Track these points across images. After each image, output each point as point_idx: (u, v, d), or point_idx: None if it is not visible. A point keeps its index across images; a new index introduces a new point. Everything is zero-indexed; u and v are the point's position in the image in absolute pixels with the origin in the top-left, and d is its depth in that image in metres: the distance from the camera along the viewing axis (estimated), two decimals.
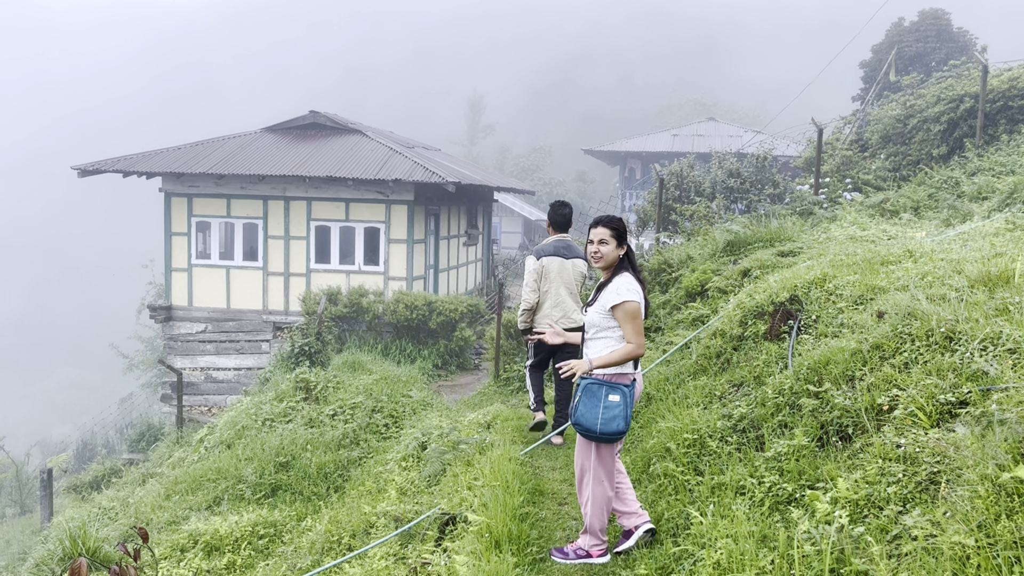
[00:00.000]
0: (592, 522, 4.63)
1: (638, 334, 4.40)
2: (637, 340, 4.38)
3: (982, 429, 3.27)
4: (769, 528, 3.76)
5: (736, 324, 6.50)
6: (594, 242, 4.61)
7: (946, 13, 27.38)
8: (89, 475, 15.85)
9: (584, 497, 4.65)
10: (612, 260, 4.57)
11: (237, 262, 19.44)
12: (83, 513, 11.37)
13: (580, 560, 4.65)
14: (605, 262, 4.58)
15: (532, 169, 55.95)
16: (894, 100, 18.84)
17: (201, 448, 11.68)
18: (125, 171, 19.07)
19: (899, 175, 15.40)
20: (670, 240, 13.80)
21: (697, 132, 39.01)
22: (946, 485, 3.13)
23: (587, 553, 4.66)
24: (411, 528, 6.08)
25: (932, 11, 27.40)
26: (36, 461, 27.78)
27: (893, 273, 5.92)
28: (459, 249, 23.08)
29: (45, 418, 50.61)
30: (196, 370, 19.38)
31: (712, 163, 17.31)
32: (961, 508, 2.92)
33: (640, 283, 4.55)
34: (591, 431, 4.38)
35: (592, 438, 4.44)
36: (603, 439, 4.41)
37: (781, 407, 4.85)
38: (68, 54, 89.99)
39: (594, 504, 4.57)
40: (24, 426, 45.32)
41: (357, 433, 10.24)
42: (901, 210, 11.46)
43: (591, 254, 4.66)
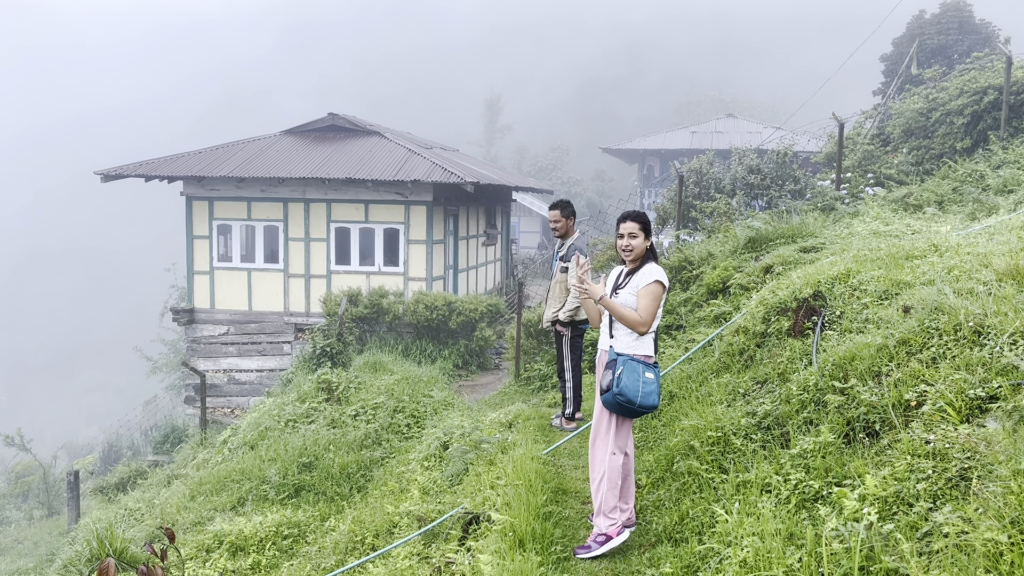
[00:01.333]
0: (606, 499, 4.75)
1: (649, 313, 4.69)
2: (646, 317, 4.68)
3: (1014, 424, 3.22)
4: (796, 526, 3.72)
5: (759, 321, 6.46)
6: (624, 236, 4.87)
7: (968, 5, 27.04)
8: (115, 477, 16.00)
9: (599, 473, 4.80)
10: (641, 252, 4.84)
11: (258, 264, 19.57)
12: (109, 514, 11.48)
13: (604, 547, 4.72)
14: (635, 254, 4.84)
15: (550, 168, 55.89)
16: (916, 93, 18.62)
17: (225, 449, 11.76)
18: (147, 175, 19.25)
19: (922, 169, 15.23)
20: (690, 237, 13.73)
21: (716, 129, 38.80)
22: (978, 481, 3.08)
23: (607, 536, 4.75)
24: (434, 527, 6.09)
25: (954, 3, 27.06)
26: (63, 463, 28.12)
27: (918, 268, 5.86)
28: (478, 249, 23.10)
29: (71, 421, 51.25)
30: (219, 372, 19.53)
31: (732, 160, 17.20)
32: (994, 504, 2.88)
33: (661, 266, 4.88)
34: (632, 401, 4.61)
35: (627, 410, 4.66)
36: (640, 411, 4.67)
37: (806, 404, 4.80)
38: (89, 59, 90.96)
39: (609, 479, 4.74)
40: (50, 429, 45.94)
41: (379, 433, 10.27)
42: (925, 204, 11.33)
43: (622, 248, 4.88)
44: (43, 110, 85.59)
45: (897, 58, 27.81)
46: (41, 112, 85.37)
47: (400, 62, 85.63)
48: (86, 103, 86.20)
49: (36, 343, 65.40)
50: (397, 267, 19.15)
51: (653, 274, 4.73)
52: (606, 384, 4.73)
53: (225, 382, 19.54)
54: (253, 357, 19.54)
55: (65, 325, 67.37)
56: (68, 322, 67.73)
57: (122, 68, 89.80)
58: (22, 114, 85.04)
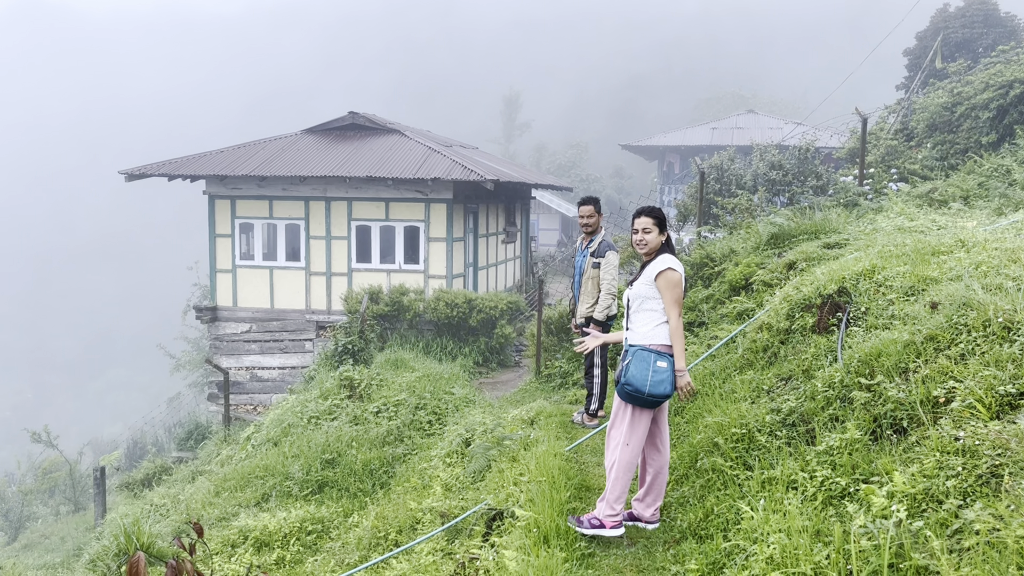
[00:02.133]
0: (613, 488, 4.81)
1: (677, 303, 4.77)
2: (675, 309, 4.77)
3: None
4: (823, 523, 3.70)
5: (783, 317, 6.42)
6: (639, 231, 4.99)
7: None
8: (140, 473, 16.20)
9: (610, 462, 4.87)
10: (655, 246, 4.95)
11: (280, 263, 19.71)
12: (136, 510, 11.62)
13: (593, 530, 4.82)
14: (649, 248, 4.96)
15: (569, 166, 55.78)
16: (940, 88, 18.41)
17: (248, 446, 11.86)
18: (170, 175, 19.43)
19: (947, 164, 15.06)
20: (711, 234, 13.66)
21: (736, 125, 38.56)
22: (1009, 478, 3.06)
23: (600, 523, 4.83)
24: (458, 524, 6.12)
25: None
26: (88, 460, 28.48)
27: (945, 263, 5.79)
28: (498, 247, 23.11)
29: (95, 418, 51.88)
30: (241, 369, 19.69)
31: (753, 156, 17.10)
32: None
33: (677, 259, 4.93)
34: (640, 391, 4.67)
35: (639, 400, 4.72)
36: (649, 401, 4.71)
37: (831, 400, 4.77)
38: (113, 60, 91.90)
39: (619, 468, 4.78)
40: (75, 426, 46.53)
41: (401, 430, 10.31)
42: (950, 200, 11.20)
43: (636, 242, 5.01)
44: (68, 111, 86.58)
45: (920, 52, 27.51)
46: (66, 113, 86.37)
47: (418, 60, 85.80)
48: (109, 104, 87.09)
49: (61, 341, 66.27)
50: (417, 265, 19.21)
51: (665, 262, 4.81)
52: (616, 375, 4.86)
53: (247, 379, 19.70)
54: (275, 355, 19.69)
55: (89, 324, 68.18)
56: (92, 321, 68.53)
57: (145, 69, 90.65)
58: (46, 115, 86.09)
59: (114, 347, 64.04)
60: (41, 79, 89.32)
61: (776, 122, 37.80)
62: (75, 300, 70.63)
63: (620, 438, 4.82)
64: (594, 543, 4.84)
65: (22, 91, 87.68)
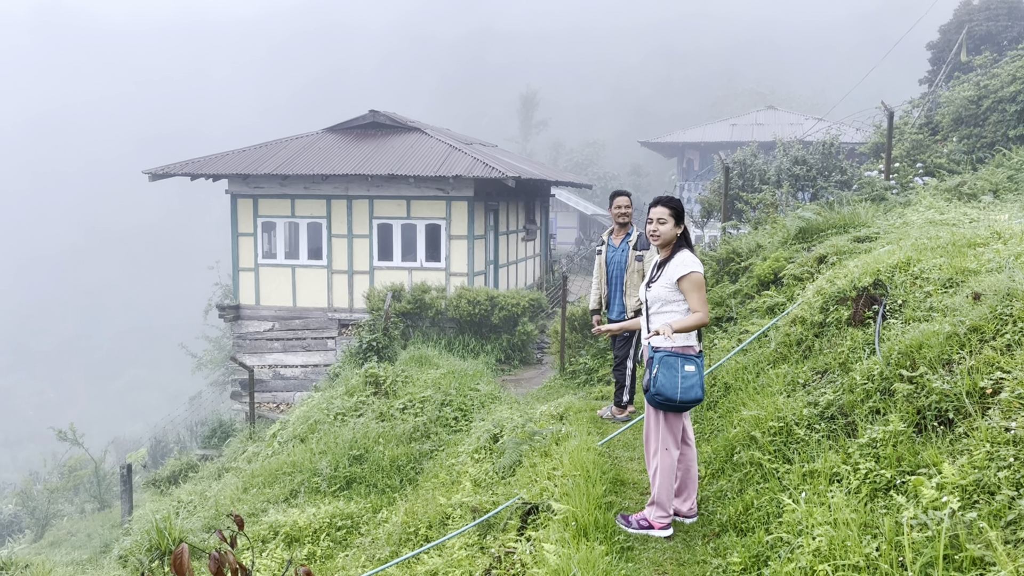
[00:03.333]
0: (659, 493, 4.80)
1: (704, 303, 4.71)
2: (703, 308, 4.69)
3: None
4: (869, 515, 3.67)
5: (817, 311, 6.37)
6: (653, 220, 4.93)
7: None
8: (166, 470, 16.31)
9: (652, 468, 4.89)
10: (670, 238, 4.88)
11: (302, 261, 19.79)
12: (164, 506, 11.70)
13: (641, 531, 4.85)
14: (663, 240, 4.90)
15: (586, 164, 55.68)
16: (966, 81, 18.22)
17: (275, 443, 11.92)
18: (193, 174, 19.57)
19: (974, 158, 14.90)
20: (736, 230, 13.59)
21: (756, 121, 38.33)
22: None
23: (649, 524, 4.86)
24: (490, 518, 6.11)
25: None
26: (112, 458, 28.74)
27: (982, 255, 5.73)
28: (518, 244, 23.11)
29: (117, 417, 52.34)
30: (264, 367, 19.80)
31: (776, 151, 16.99)
32: None
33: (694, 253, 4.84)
34: (672, 400, 4.64)
35: (672, 407, 4.69)
36: (683, 407, 4.69)
37: (871, 393, 4.73)
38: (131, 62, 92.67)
39: (662, 473, 4.79)
40: (98, 425, 46.92)
41: (427, 426, 10.33)
42: (980, 193, 11.09)
43: (650, 232, 4.94)
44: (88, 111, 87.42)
45: (944, 46, 27.23)
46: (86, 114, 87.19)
47: (436, 59, 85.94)
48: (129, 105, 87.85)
49: (82, 342, 66.88)
50: (439, 262, 19.24)
51: (687, 265, 4.73)
52: (644, 384, 4.79)
53: (270, 377, 19.80)
54: (298, 353, 19.78)
55: (109, 323, 68.79)
56: (112, 320, 69.14)
57: (165, 71, 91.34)
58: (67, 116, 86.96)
59: (135, 347, 64.57)
60: (62, 80, 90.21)
61: (796, 118, 37.55)
62: (96, 300, 71.29)
63: (658, 444, 4.82)
64: (632, 538, 4.82)
65: (44, 92, 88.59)
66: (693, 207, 25.09)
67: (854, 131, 27.41)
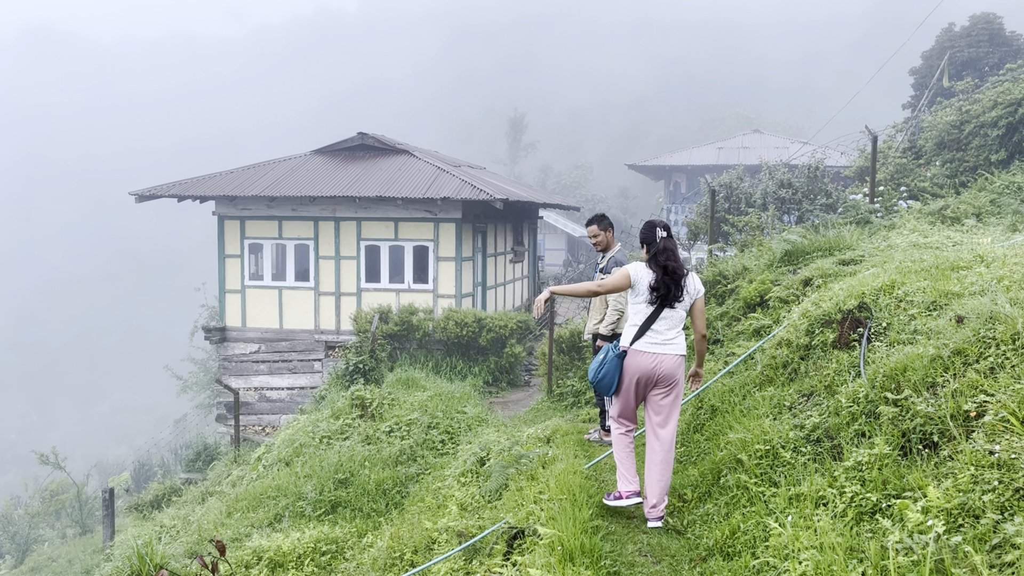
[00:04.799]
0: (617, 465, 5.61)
1: (601, 285, 5.45)
2: (600, 286, 5.46)
3: None
4: (855, 539, 3.65)
5: (802, 333, 6.38)
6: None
7: (998, 17, 26.80)
8: (149, 495, 16.12)
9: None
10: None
11: (289, 283, 19.73)
12: (146, 531, 11.56)
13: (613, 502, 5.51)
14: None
15: (574, 186, 55.92)
16: (948, 106, 18.46)
17: (260, 466, 11.80)
18: (180, 196, 19.51)
19: (957, 181, 15.07)
20: (722, 252, 13.65)
21: (743, 144, 38.66)
22: None
23: (618, 494, 5.51)
24: (476, 543, 6.05)
25: (983, 15, 26.85)
26: (95, 482, 28.36)
27: (966, 278, 5.77)
28: (506, 266, 23.13)
29: (101, 440, 51.76)
30: (250, 390, 19.65)
31: (762, 174, 17.12)
32: None
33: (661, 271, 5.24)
34: (591, 381, 5.54)
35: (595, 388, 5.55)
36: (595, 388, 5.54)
37: (857, 416, 4.73)
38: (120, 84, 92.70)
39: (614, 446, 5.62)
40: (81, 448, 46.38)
41: (414, 449, 10.26)
42: (963, 216, 11.19)
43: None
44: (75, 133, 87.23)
45: (926, 71, 27.61)
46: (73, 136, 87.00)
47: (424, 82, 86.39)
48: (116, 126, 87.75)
49: (66, 365, 66.27)
50: (426, 284, 19.21)
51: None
52: None
53: (256, 400, 19.66)
54: (284, 375, 19.66)
55: (94, 346, 68.24)
56: (97, 343, 68.60)
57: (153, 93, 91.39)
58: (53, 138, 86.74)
59: (119, 369, 64.04)
60: (51, 103, 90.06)
61: (782, 141, 37.88)
62: (81, 322, 70.76)
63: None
64: (619, 562, 4.78)
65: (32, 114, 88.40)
66: (680, 229, 25.21)
67: (839, 155, 27.67)
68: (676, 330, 5.30)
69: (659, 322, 5.24)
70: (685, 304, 5.30)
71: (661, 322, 5.24)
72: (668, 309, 5.24)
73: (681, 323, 5.34)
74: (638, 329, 5.26)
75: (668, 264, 5.21)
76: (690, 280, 5.32)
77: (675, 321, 5.28)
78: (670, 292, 5.20)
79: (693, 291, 5.33)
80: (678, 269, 5.23)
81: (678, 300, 5.25)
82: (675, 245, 5.34)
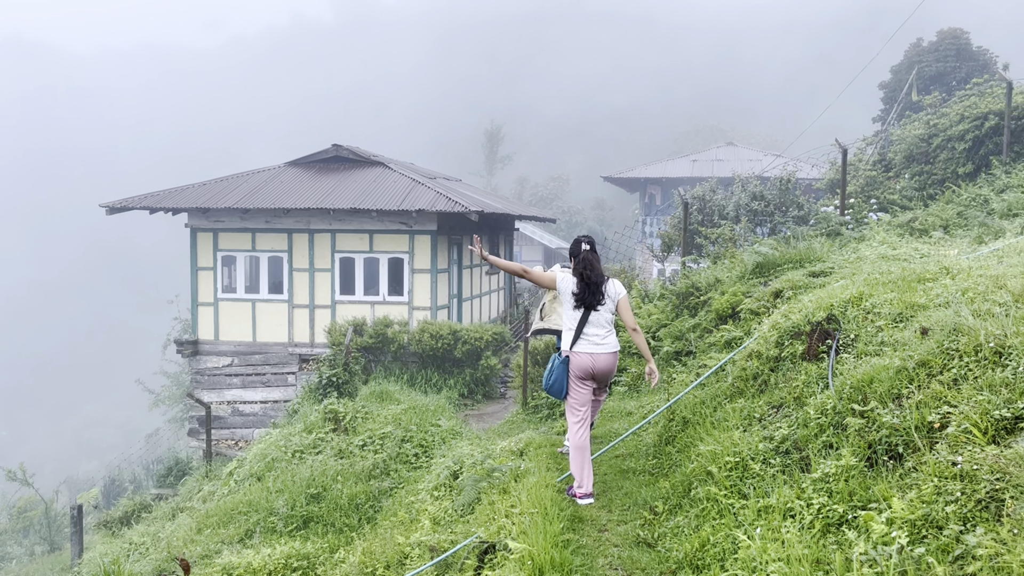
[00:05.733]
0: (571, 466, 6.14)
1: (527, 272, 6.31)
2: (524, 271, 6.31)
3: None
4: (822, 551, 3.67)
5: (772, 345, 6.42)
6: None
7: (965, 33, 27.32)
8: (119, 511, 15.86)
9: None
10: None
11: (263, 295, 19.58)
12: (114, 548, 11.37)
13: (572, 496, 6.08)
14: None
15: (550, 198, 56.11)
16: (916, 120, 18.75)
17: (231, 481, 11.66)
18: (152, 208, 19.33)
19: (925, 194, 15.28)
20: (696, 264, 13.74)
21: (716, 157, 38.99)
22: (1012, 502, 3.04)
23: (574, 494, 6.07)
24: (448, 558, 6.01)
25: (951, 31, 27.36)
26: (64, 498, 27.86)
27: (932, 290, 5.83)
28: (482, 278, 23.11)
29: (71, 455, 50.90)
30: (223, 404, 19.44)
31: (735, 186, 17.27)
32: None
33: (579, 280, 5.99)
34: (544, 388, 6.30)
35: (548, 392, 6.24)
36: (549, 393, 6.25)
37: (825, 427, 4.76)
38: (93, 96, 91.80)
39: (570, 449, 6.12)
40: (51, 463, 45.62)
41: (387, 463, 10.19)
42: (930, 228, 11.35)
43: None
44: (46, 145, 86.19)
45: (895, 85, 28.06)
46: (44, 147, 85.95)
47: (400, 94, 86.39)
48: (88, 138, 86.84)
49: (36, 378, 65.21)
50: (402, 297, 19.15)
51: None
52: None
53: (229, 414, 19.45)
54: (257, 388, 19.47)
55: (65, 360, 67.23)
56: (68, 357, 67.59)
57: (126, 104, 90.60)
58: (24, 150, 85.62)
59: (91, 383, 63.11)
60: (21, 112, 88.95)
61: (755, 154, 38.27)
62: (51, 335, 69.70)
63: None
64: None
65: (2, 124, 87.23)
66: (654, 242, 25.35)
67: (811, 167, 28.02)
68: (606, 330, 6.00)
69: (589, 326, 5.95)
70: (608, 307, 6.00)
71: (591, 326, 5.95)
72: (594, 312, 5.95)
73: (610, 323, 6.04)
74: (574, 334, 5.98)
75: (585, 273, 5.96)
76: (610, 285, 6.05)
77: (603, 322, 5.99)
78: (591, 297, 5.92)
79: (614, 294, 6.04)
80: (594, 277, 5.94)
81: (600, 303, 5.96)
82: (596, 258, 6.06)
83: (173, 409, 34.34)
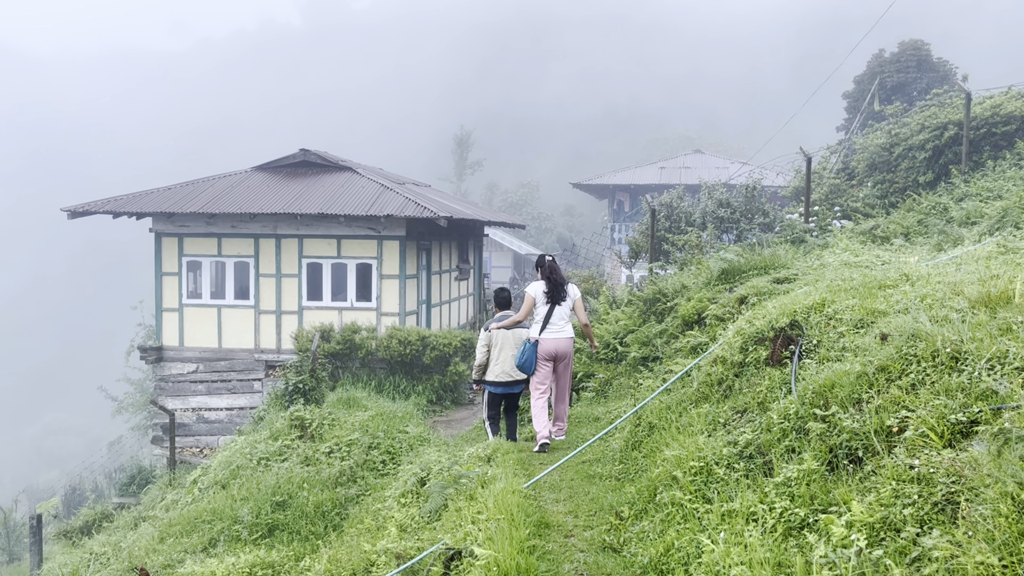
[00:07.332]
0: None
1: (520, 313, 8.36)
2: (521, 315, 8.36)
3: (998, 447, 3.25)
4: (784, 554, 3.71)
5: (736, 351, 6.49)
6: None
7: (926, 44, 27.88)
8: (79, 520, 15.57)
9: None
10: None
11: (228, 301, 19.36)
12: (74, 559, 11.16)
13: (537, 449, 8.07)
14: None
15: (520, 204, 56.24)
16: (879, 129, 19.09)
17: (195, 489, 11.51)
18: (115, 212, 19.04)
19: (887, 202, 15.56)
20: (663, 270, 13.84)
21: (684, 164, 39.31)
22: (966, 504, 3.10)
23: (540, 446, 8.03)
24: (414, 565, 5.98)
25: (912, 42, 27.90)
26: (24, 508, 27.29)
27: (892, 296, 5.93)
28: (451, 284, 23.07)
29: (31, 464, 49.94)
30: (187, 411, 19.18)
31: (702, 194, 17.43)
32: (983, 527, 2.89)
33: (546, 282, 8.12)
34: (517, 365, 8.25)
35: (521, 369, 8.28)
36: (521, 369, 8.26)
37: (787, 432, 4.82)
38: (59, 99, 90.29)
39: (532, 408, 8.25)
40: (10, 472, 44.73)
41: (354, 470, 10.12)
42: (892, 236, 11.55)
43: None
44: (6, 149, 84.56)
45: (858, 95, 28.54)
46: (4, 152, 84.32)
47: (370, 99, 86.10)
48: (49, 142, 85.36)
49: None
50: (370, 302, 19.05)
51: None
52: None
53: (194, 421, 19.19)
54: (223, 395, 19.24)
55: (24, 366, 65.90)
56: (28, 363, 66.27)
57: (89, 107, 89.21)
58: None
59: (51, 390, 61.92)
60: None
61: (723, 162, 38.64)
62: (9, 341, 68.29)
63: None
64: None
65: None
66: (622, 248, 25.49)
67: (776, 175, 28.35)
68: (565, 320, 8.08)
69: (553, 317, 8.01)
70: (568, 303, 8.11)
71: (555, 317, 8.01)
72: (558, 307, 8.03)
73: (568, 316, 8.11)
74: (542, 324, 8.02)
75: (551, 276, 8.12)
76: (570, 288, 8.18)
77: (564, 315, 8.08)
78: (557, 294, 8.01)
79: (572, 294, 8.19)
80: (559, 280, 8.10)
81: (563, 300, 8.06)
82: (557, 266, 8.24)
83: (136, 416, 33.82)
